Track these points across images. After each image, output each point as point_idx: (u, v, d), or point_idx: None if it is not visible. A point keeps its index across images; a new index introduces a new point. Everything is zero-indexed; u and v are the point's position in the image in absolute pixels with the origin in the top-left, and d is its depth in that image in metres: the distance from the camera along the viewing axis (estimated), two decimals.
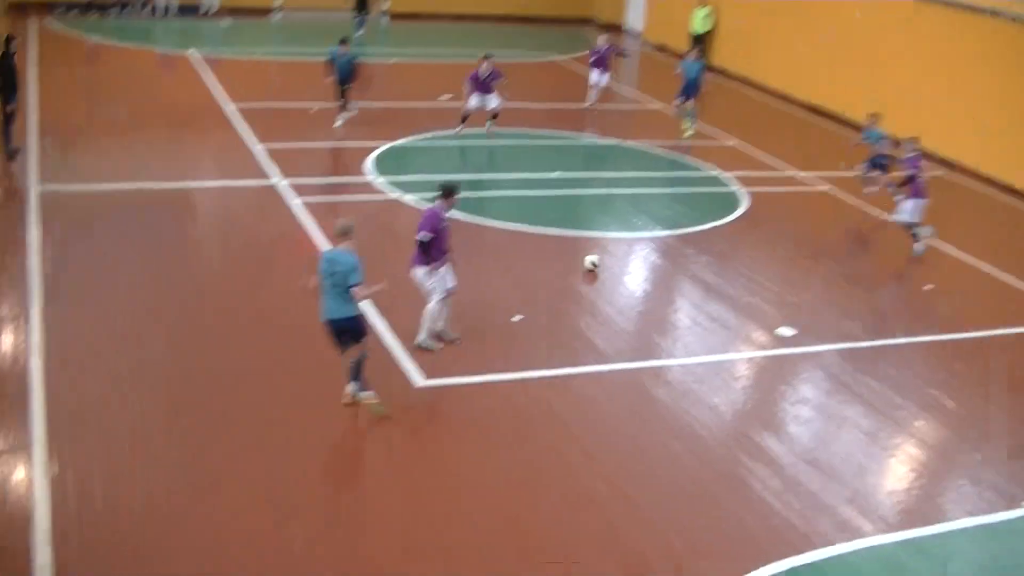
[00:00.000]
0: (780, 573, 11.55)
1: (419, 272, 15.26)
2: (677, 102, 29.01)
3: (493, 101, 26.03)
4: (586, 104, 30.41)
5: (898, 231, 21.91)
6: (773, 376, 16.42)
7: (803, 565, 11.74)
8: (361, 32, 37.80)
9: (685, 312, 18.16)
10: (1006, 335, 18.34)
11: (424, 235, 14.91)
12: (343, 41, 26.14)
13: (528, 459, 13.24)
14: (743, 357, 16.69)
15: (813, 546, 12.05)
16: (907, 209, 21.15)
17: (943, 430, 15.09)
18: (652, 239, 21.05)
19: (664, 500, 12.68)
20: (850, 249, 22.01)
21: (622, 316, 17.59)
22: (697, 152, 27.01)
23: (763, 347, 17.03)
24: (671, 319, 17.91)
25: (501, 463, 13.14)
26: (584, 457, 13.28)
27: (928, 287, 20.01)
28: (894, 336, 17.79)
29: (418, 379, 14.70)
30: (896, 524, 12.69)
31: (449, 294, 15.54)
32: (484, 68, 25.74)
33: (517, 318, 16.83)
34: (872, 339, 17.56)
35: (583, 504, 12.40)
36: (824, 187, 25.56)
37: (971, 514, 13.13)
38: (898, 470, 14.01)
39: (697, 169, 25.71)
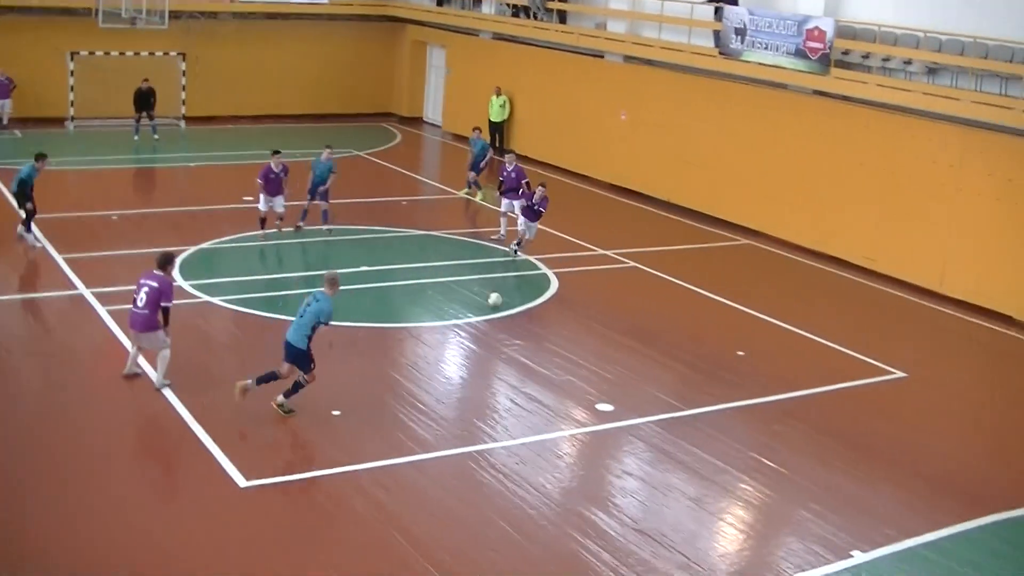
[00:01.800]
0: None
1: (161, 332, 16.93)
2: (470, 176, 30.64)
3: (280, 205, 25.75)
4: (500, 234, 27.31)
5: (707, 306, 22.41)
6: (596, 451, 16.53)
7: None
8: (138, 138, 37.20)
9: (504, 395, 18.20)
10: (820, 393, 18.84)
11: (168, 304, 16.86)
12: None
13: (359, 554, 13.01)
14: (565, 435, 16.77)
15: None
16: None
17: (767, 491, 15.36)
18: (465, 325, 21.08)
19: None
20: (660, 321, 22.36)
21: (441, 404, 17.53)
22: (507, 239, 27.20)
23: (583, 424, 17.15)
24: (490, 403, 17.91)
25: (331, 561, 12.88)
26: (415, 547, 13.10)
27: (740, 353, 20.47)
28: (711, 403, 18.09)
29: (241, 480, 14.35)
30: None
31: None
32: (275, 164, 25.53)
33: (336, 412, 16.64)
34: (690, 407, 17.84)
35: None
36: (630, 263, 26.01)
37: (802, 569, 13.36)
38: (728, 533, 14.21)
39: (506, 254, 25.91)
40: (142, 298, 16.71)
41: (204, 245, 25.00)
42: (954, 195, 24.97)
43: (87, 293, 21.20)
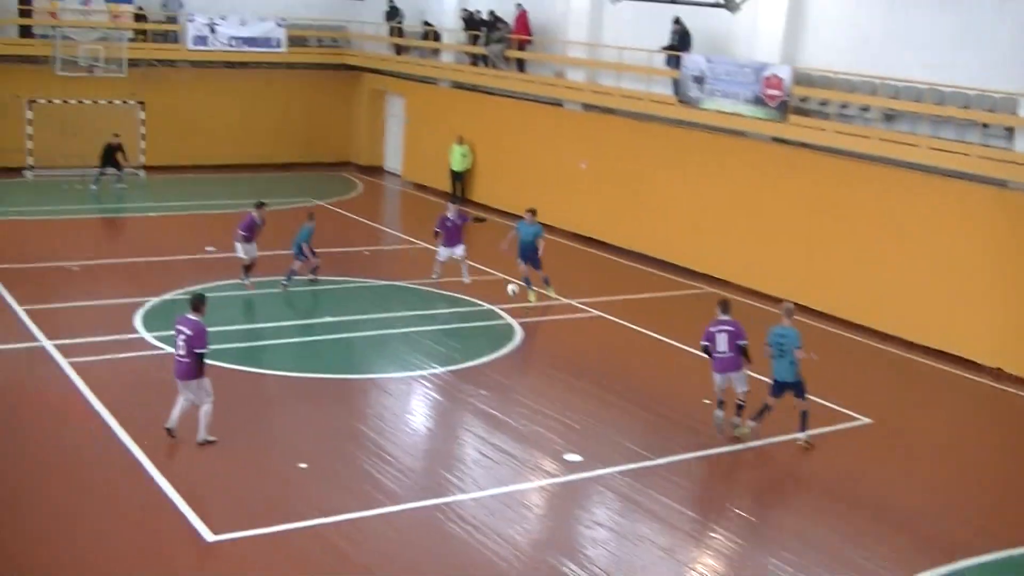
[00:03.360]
0: None
1: (202, 380, 16.81)
2: (521, 267, 26.35)
3: (254, 252, 25.79)
4: (434, 276, 27.50)
5: (671, 354, 22.46)
6: (565, 502, 16.48)
7: None
8: (96, 187, 37.07)
9: (471, 446, 18.14)
10: (787, 441, 18.81)
11: (204, 350, 16.61)
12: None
13: None
14: (533, 486, 16.70)
15: None
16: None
17: (737, 539, 15.35)
18: (430, 376, 21.00)
19: None
20: (625, 369, 22.36)
21: (409, 456, 17.46)
22: (471, 289, 27.13)
23: (552, 475, 17.09)
24: (457, 454, 17.86)
25: None
26: None
27: (706, 401, 20.45)
28: (679, 452, 18.07)
29: (207, 534, 14.19)
30: None
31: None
32: (259, 216, 25.54)
33: (303, 465, 16.52)
34: (658, 456, 17.80)
35: None
36: (594, 311, 26.04)
37: None
38: None
39: (471, 304, 25.87)
40: (181, 345, 16.61)
41: (166, 296, 24.83)
42: (915, 239, 25.17)
43: (48, 345, 20.99)
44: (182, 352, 16.56)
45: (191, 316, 16.71)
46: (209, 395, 16.81)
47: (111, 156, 37.30)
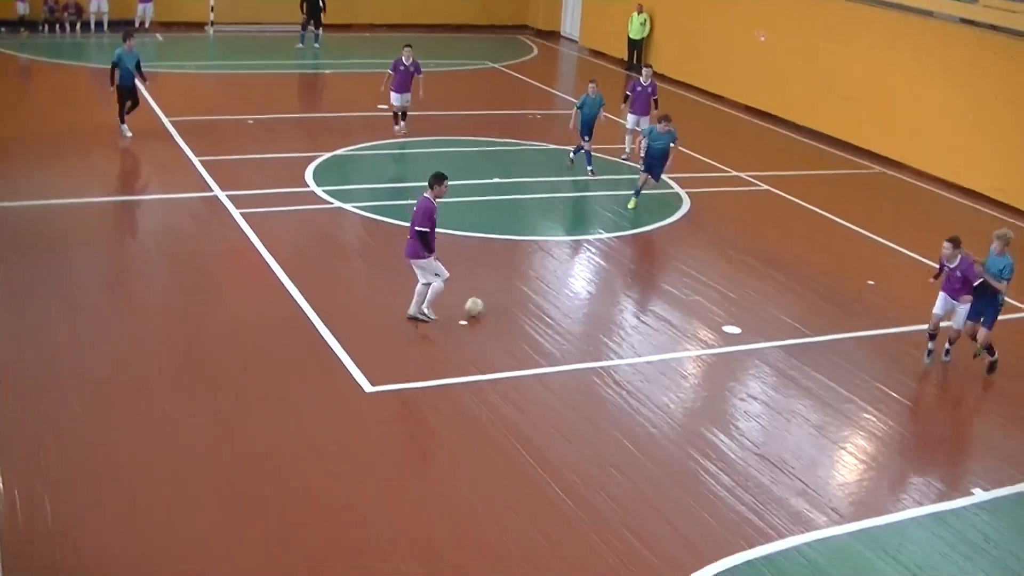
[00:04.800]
0: (736, 566, 11.58)
1: (425, 261, 16.44)
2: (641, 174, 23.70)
3: (406, 100, 26.22)
4: (625, 153, 27.27)
5: (838, 233, 22.15)
6: (720, 373, 16.48)
7: (758, 558, 11.77)
8: (302, 46, 37.78)
9: (630, 312, 18.22)
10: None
11: (423, 228, 16.22)
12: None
13: (480, 464, 13.19)
14: (690, 355, 16.74)
15: (768, 539, 12.10)
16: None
17: (891, 422, 15.18)
18: (595, 241, 21.08)
19: (618, 499, 12.65)
20: (790, 246, 22.11)
21: (568, 319, 17.59)
22: (637, 156, 26.97)
23: (709, 345, 17.09)
24: (617, 320, 17.94)
25: (454, 469, 13.09)
26: (537, 460, 13.24)
27: (871, 283, 20.17)
28: (839, 331, 17.90)
29: (367, 385, 14.61)
30: (848, 515, 12.76)
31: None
32: (406, 57, 25.77)
33: (463, 323, 16.80)
34: (817, 335, 17.65)
35: (540, 508, 12.35)
36: (763, 186, 25.72)
37: (920, 503, 13.25)
38: (848, 462, 14.10)
39: (638, 171, 25.73)
40: (412, 222, 16.56)
41: (338, 152, 25.26)
42: None
43: (221, 195, 21.58)
44: (411, 230, 16.49)
45: (425, 194, 16.47)
46: (438, 275, 16.56)
47: (314, 9, 37.81)
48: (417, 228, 16.26)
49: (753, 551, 11.88)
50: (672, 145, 23.14)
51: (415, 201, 16.60)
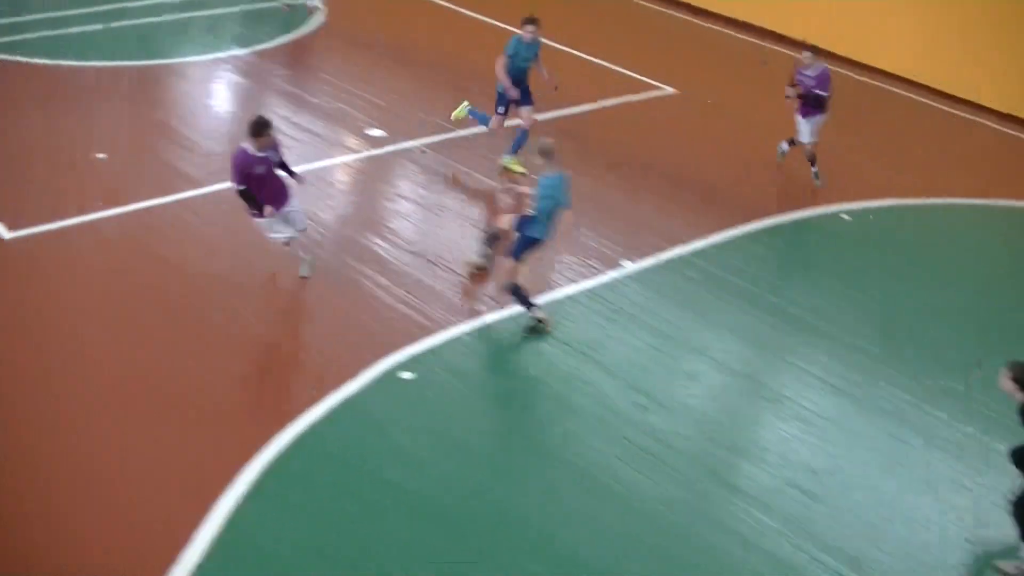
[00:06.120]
0: (401, 362, 11.78)
1: (259, 222, 12.99)
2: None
3: None
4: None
5: (479, 29, 22.24)
6: (370, 177, 16.52)
7: (423, 351, 12.01)
8: None
9: (275, 127, 17.86)
10: (593, 110, 19.06)
11: (237, 185, 12.73)
12: None
13: (130, 294, 12.82)
14: (337, 162, 16.65)
15: (428, 332, 12.34)
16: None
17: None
18: (230, 59, 20.47)
19: (282, 315, 12.67)
20: (429, 41, 22.07)
21: (210, 140, 17.10)
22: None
23: (355, 150, 17.03)
24: None
25: (102, 304, 12.69)
26: (184, 285, 12.99)
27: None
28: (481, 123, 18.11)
29: (4, 233, 13.84)
30: (506, 301, 13.08)
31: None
32: None
33: (101, 156, 16.12)
34: (460, 128, 17.81)
35: (191, 330, 12.18)
36: None
37: (574, 281, 13.81)
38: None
39: None
40: None
41: None
42: None
43: None
44: None
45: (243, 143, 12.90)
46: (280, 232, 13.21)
47: None
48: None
49: (418, 344, 12.10)
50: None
51: None
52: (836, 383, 12.30)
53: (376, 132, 17.50)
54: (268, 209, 12.65)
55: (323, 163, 16.52)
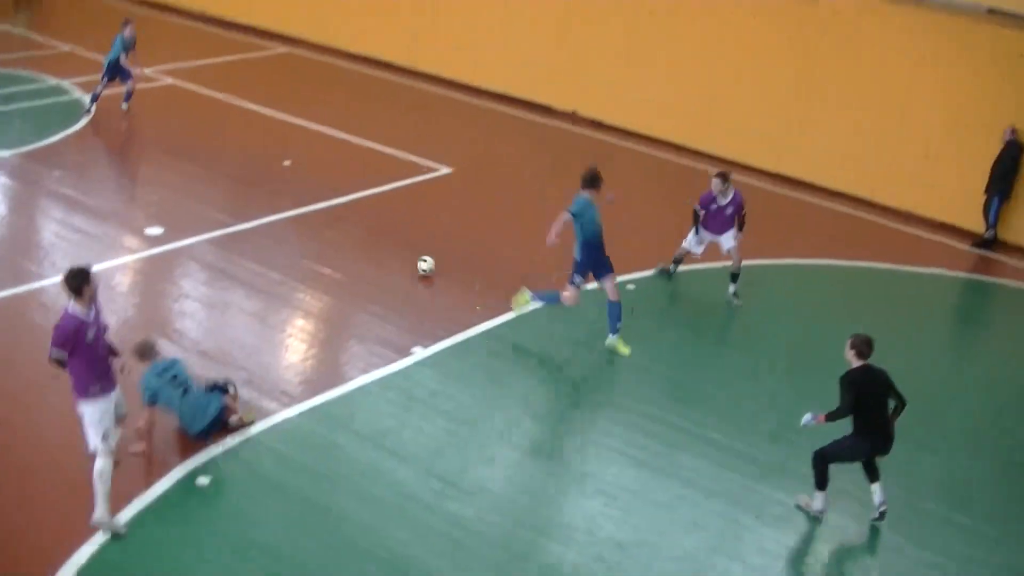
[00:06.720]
0: (197, 467, 11.53)
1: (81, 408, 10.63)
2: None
3: None
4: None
5: (248, 114, 22.10)
6: (150, 277, 16.23)
7: (209, 460, 11.76)
8: None
9: (48, 230, 17.44)
10: (369, 196, 19.16)
11: (56, 352, 10.50)
12: None
13: None
14: (116, 264, 16.29)
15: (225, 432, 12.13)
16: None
17: (326, 297, 15.65)
18: None
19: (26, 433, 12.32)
20: (203, 137, 21.88)
21: None
22: (32, 63, 25.63)
23: (135, 250, 16.73)
24: (35, 240, 17.11)
25: None
26: None
27: (287, 163, 20.42)
28: (262, 216, 18.05)
29: None
30: (298, 396, 13.09)
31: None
32: None
33: None
34: (241, 222, 17.73)
35: None
36: (168, 80, 25.21)
37: (366, 371, 13.77)
38: (292, 344, 14.39)
39: (35, 81, 24.47)
40: None
41: None
42: None
43: None
44: None
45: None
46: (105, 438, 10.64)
47: None
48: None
49: (205, 452, 11.83)
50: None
51: None
52: (636, 455, 12.52)
53: (154, 230, 17.22)
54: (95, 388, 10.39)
55: (101, 265, 16.09)
